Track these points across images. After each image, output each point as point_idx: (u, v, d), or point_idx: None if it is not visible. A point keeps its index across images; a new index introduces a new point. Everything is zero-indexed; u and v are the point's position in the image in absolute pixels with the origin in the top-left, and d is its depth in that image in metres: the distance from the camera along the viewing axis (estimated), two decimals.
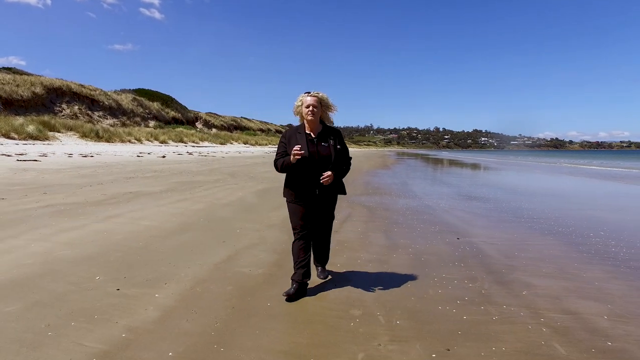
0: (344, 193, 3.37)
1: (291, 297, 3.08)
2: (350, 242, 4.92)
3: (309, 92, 3.19)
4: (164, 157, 22.27)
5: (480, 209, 7.92)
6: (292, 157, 3.00)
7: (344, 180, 3.39)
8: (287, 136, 3.22)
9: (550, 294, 3.38)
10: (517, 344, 2.50)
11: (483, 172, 22.54)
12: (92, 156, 18.97)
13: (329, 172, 3.05)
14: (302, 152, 2.98)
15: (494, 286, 3.53)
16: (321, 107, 3.19)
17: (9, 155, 15.54)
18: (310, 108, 3.11)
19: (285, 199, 3.30)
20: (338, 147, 3.20)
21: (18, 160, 14.15)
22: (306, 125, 3.21)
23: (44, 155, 17.37)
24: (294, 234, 3.26)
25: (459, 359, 2.30)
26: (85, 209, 6.24)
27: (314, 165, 3.10)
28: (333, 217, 3.46)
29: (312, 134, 3.20)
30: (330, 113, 3.31)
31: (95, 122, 42.04)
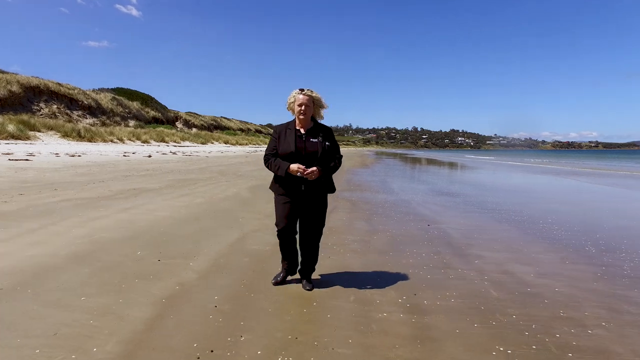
0: (333, 191, 3.40)
1: (275, 284, 3.46)
2: (337, 228, 5.83)
3: (302, 90, 3.22)
4: (149, 156, 22.73)
5: (450, 202, 8.96)
6: (286, 171, 3.12)
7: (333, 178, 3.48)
8: (278, 132, 3.28)
9: (495, 262, 4.36)
10: (464, 290, 3.46)
11: (457, 171, 23.86)
12: (79, 156, 19.33)
13: (314, 168, 3.11)
14: (302, 170, 3.07)
15: (453, 257, 4.50)
16: (313, 105, 3.24)
17: None
18: (303, 107, 3.16)
19: (263, 195, 3.67)
20: (327, 144, 3.25)
21: (10, 159, 14.52)
22: (297, 121, 3.27)
23: (32, 154, 17.67)
24: (276, 231, 3.37)
25: (422, 299, 3.24)
26: (101, 202, 6.97)
27: (301, 160, 3.14)
28: (323, 224, 3.46)
29: (301, 130, 3.25)
30: (322, 110, 3.36)
31: (75, 122, 41.74)
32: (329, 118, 3.57)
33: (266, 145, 3.38)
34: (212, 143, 55.11)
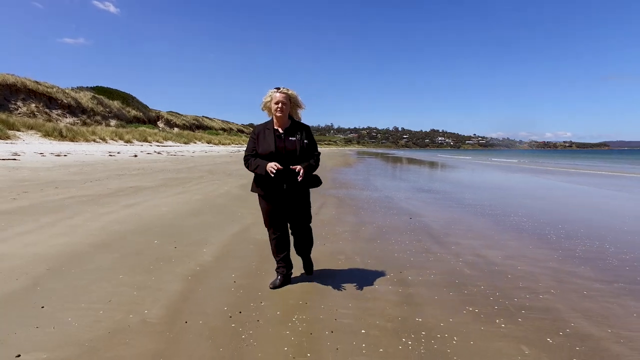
0: (318, 184, 3.47)
1: (275, 287, 3.40)
2: (328, 221, 6.41)
3: (278, 88, 3.23)
4: (135, 156, 22.88)
5: (431, 198, 9.65)
6: (264, 169, 3.12)
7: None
8: (257, 132, 3.30)
9: (469, 247, 5.01)
10: (442, 269, 4.08)
11: (437, 170, 24.75)
12: (65, 155, 19.39)
13: (299, 166, 3.13)
14: (276, 169, 3.07)
15: (433, 244, 5.13)
16: (290, 103, 3.25)
17: None
18: (280, 105, 3.16)
19: (255, 193, 3.45)
20: (305, 141, 3.27)
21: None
22: (275, 121, 3.27)
23: (16, 154, 17.69)
24: (268, 231, 3.48)
25: (407, 275, 3.84)
26: (104, 199, 7.38)
27: (281, 160, 3.15)
28: (309, 219, 3.51)
29: (279, 129, 3.26)
30: (299, 110, 3.39)
31: (54, 121, 41.18)
32: (311, 118, 3.94)
33: None
34: (195, 143, 55.03)
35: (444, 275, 3.88)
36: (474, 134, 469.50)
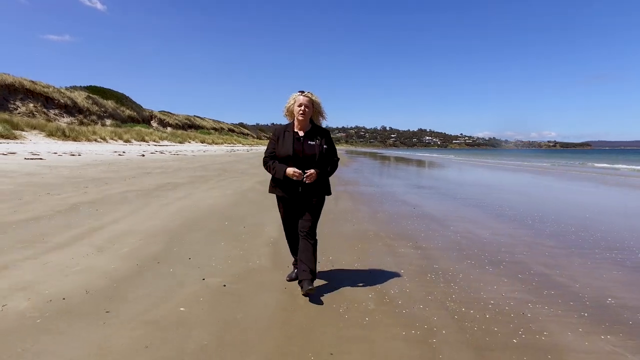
0: (329, 193, 3.48)
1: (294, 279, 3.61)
2: (348, 209, 7.83)
3: (302, 92, 3.29)
4: (143, 155, 23.98)
5: (428, 193, 11.16)
6: (281, 173, 3.22)
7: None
8: (277, 134, 3.36)
9: (464, 228, 6.47)
10: (446, 241, 5.53)
11: (428, 168, 26.41)
12: (79, 155, 20.47)
13: (312, 170, 3.20)
14: (297, 175, 3.17)
15: (436, 225, 6.58)
16: (313, 108, 3.31)
17: (5, 154, 16.92)
18: (303, 108, 3.22)
19: (273, 195, 3.51)
20: (325, 147, 3.31)
21: (25, 159, 15.69)
22: (296, 123, 3.32)
23: (34, 154, 18.74)
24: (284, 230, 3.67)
25: (421, 243, 5.28)
26: (155, 193, 8.69)
27: (299, 163, 3.22)
28: (316, 221, 3.46)
29: (300, 132, 3.32)
30: (320, 119, 3.47)
31: (53, 121, 41.86)
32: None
33: (241, 145, 4.35)
34: (189, 142, 55.99)
35: (448, 244, 5.35)
36: (461, 134, 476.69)
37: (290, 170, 3.18)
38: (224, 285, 3.49)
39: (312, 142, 3.27)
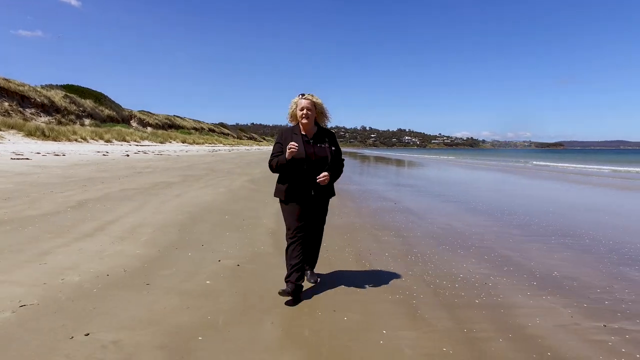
0: (334, 194, 3.55)
1: (289, 301, 3.20)
2: (335, 205, 8.48)
3: (303, 95, 3.27)
4: (127, 155, 24.11)
5: (408, 190, 11.95)
6: (287, 153, 3.11)
7: None
8: (284, 137, 3.31)
9: (440, 220, 7.22)
10: (424, 230, 6.26)
11: (408, 168, 27.37)
12: (63, 155, 20.52)
13: (326, 173, 3.20)
14: (297, 148, 3.09)
15: (415, 218, 7.32)
16: (315, 109, 3.28)
17: None
18: (305, 111, 3.20)
19: (277, 199, 3.41)
20: (333, 148, 3.32)
21: (12, 159, 15.79)
22: (301, 127, 3.30)
23: (20, 154, 18.75)
24: (288, 235, 3.34)
25: (403, 232, 5.98)
26: (151, 191, 9.17)
27: (311, 166, 3.21)
28: (324, 222, 3.60)
29: (307, 135, 3.30)
30: (325, 120, 3.43)
31: (29, 120, 41.20)
32: (278, 117, 5.28)
33: (222, 145, 4.27)
34: (170, 142, 55.76)
35: (426, 233, 6.08)
36: (439, 134, 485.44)
37: (289, 145, 3.10)
38: (238, 265, 4.11)
39: (322, 145, 3.29)
